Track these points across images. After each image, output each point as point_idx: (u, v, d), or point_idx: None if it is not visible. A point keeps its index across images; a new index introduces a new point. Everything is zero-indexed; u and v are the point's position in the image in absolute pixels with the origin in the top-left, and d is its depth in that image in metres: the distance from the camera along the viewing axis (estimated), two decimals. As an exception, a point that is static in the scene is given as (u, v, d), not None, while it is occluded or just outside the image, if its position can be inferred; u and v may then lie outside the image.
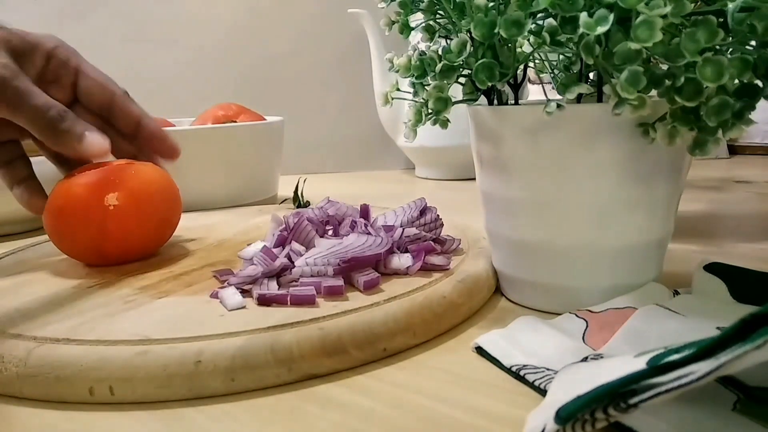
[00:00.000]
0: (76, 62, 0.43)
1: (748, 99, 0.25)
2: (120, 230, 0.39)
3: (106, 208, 0.38)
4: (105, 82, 0.44)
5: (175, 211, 0.44)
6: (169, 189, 0.43)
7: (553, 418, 0.19)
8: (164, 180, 0.43)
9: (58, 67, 0.42)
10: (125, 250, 0.40)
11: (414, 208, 0.40)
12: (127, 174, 0.40)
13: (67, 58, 0.43)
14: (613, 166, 0.29)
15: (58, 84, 0.43)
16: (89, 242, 0.39)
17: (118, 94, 0.44)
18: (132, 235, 0.40)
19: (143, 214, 0.40)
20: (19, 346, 0.27)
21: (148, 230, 0.41)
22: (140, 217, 0.40)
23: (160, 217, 0.42)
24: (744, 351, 0.17)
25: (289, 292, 0.31)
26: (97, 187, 0.39)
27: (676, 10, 0.23)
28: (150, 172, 0.42)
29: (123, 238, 0.39)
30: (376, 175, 0.94)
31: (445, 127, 0.32)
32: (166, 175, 0.43)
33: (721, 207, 0.59)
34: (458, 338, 0.31)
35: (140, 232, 0.40)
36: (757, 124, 0.27)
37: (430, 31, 0.33)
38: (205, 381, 0.26)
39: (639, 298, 0.31)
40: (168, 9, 0.92)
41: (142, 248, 0.41)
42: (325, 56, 0.96)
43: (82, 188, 0.39)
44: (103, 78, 0.44)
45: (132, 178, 0.40)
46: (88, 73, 0.43)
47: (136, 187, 0.40)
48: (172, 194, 0.43)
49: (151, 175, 0.41)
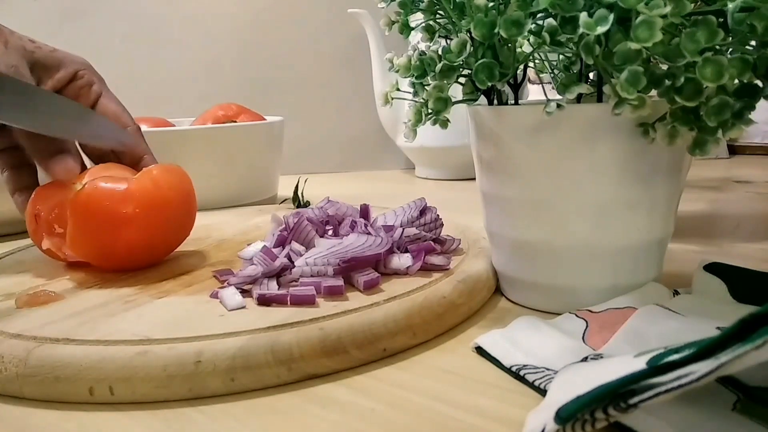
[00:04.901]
0: (99, 88, 0.46)
1: (748, 99, 0.25)
2: (134, 239, 0.38)
3: (123, 215, 0.37)
4: (121, 114, 0.46)
5: (189, 218, 0.42)
6: (186, 197, 0.41)
7: (553, 418, 0.19)
8: (181, 187, 0.41)
9: (80, 87, 0.45)
10: (136, 257, 0.39)
11: (414, 208, 0.40)
12: (145, 181, 0.38)
13: (92, 81, 0.45)
14: (613, 166, 0.29)
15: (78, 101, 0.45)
16: (98, 246, 0.38)
17: (131, 128, 0.45)
18: (145, 243, 0.39)
19: (158, 224, 0.39)
20: (19, 346, 0.27)
21: (161, 239, 0.40)
22: (154, 227, 0.39)
23: (174, 227, 0.41)
24: (744, 351, 0.17)
25: (289, 292, 0.31)
26: (114, 195, 0.37)
27: (676, 10, 0.23)
28: (169, 179, 0.40)
29: (136, 246, 0.38)
30: (376, 175, 0.94)
31: (445, 127, 0.32)
32: (184, 180, 0.41)
33: (721, 207, 0.59)
34: (458, 338, 0.31)
35: (153, 241, 0.39)
36: (757, 124, 0.28)
37: (430, 31, 0.33)
38: (205, 381, 0.26)
39: (639, 298, 0.31)
40: (168, 9, 0.92)
41: (152, 256, 0.41)
42: (325, 56, 0.96)
43: (100, 193, 0.37)
44: (121, 109, 0.46)
45: (150, 187, 0.38)
46: (107, 101, 0.46)
47: (152, 196, 0.38)
48: (188, 202, 0.42)
49: (169, 182, 0.40)
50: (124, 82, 0.47)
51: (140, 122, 0.64)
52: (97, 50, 0.91)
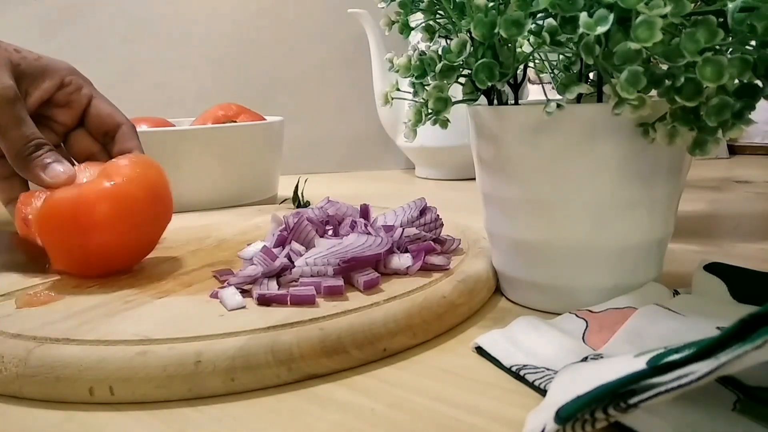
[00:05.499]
0: (89, 91, 0.46)
1: (748, 99, 0.25)
2: (103, 244, 0.36)
3: (86, 222, 0.36)
4: (114, 113, 0.46)
5: (163, 218, 0.40)
6: (158, 195, 0.39)
7: (553, 418, 0.19)
8: (146, 179, 0.39)
9: (70, 93, 0.45)
10: (116, 258, 0.38)
11: (414, 208, 0.40)
12: (114, 186, 0.37)
13: (80, 85, 0.45)
14: (612, 166, 0.29)
15: (68, 108, 0.45)
16: (72, 255, 0.37)
17: (124, 126, 0.46)
18: (118, 243, 0.37)
19: (126, 228, 0.37)
20: (19, 346, 0.27)
21: (136, 236, 0.38)
22: (124, 231, 0.37)
23: (146, 230, 0.39)
24: (744, 351, 0.17)
25: (289, 292, 0.31)
26: (79, 201, 0.36)
27: (676, 10, 0.23)
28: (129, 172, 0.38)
29: (106, 252, 0.37)
30: (376, 175, 0.94)
31: (445, 127, 0.32)
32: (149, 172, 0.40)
33: (721, 207, 0.59)
34: (458, 338, 0.31)
35: (125, 245, 0.38)
36: (757, 124, 0.28)
37: (430, 31, 0.33)
38: (205, 381, 0.26)
39: (639, 298, 0.31)
40: (168, 9, 0.92)
41: (132, 254, 0.39)
42: (325, 56, 0.96)
43: (65, 201, 0.36)
44: (113, 109, 0.46)
45: (119, 189, 0.37)
46: (99, 102, 0.46)
47: (120, 197, 0.37)
48: (161, 201, 0.40)
49: (129, 175, 0.38)
50: (124, 82, 0.47)
51: (140, 122, 0.65)
52: (97, 50, 0.92)
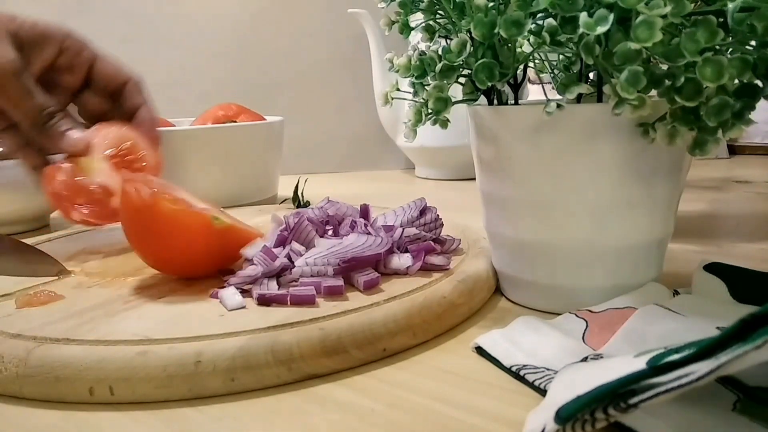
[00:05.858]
0: (90, 53, 0.47)
1: (748, 99, 0.25)
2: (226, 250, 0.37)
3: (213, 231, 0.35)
4: (118, 72, 0.47)
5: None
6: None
7: (553, 418, 0.19)
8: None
9: (72, 57, 0.46)
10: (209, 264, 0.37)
11: (414, 208, 0.40)
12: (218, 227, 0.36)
13: (81, 47, 0.46)
14: (613, 166, 0.29)
15: (71, 71, 0.46)
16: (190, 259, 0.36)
17: (130, 82, 0.47)
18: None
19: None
20: (19, 346, 0.27)
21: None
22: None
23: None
24: (744, 351, 0.17)
25: (289, 292, 0.31)
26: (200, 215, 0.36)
27: (676, 10, 0.23)
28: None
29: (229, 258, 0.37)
30: (376, 175, 0.94)
31: (445, 127, 0.32)
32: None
33: (721, 207, 0.59)
34: (458, 338, 0.31)
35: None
36: (757, 124, 0.28)
37: (430, 31, 0.33)
38: (205, 381, 0.26)
39: (639, 298, 0.31)
40: (168, 9, 0.92)
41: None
42: (325, 56, 0.96)
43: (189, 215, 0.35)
44: (116, 67, 0.47)
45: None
46: (102, 63, 0.47)
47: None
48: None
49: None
50: (124, 82, 0.49)
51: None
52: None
